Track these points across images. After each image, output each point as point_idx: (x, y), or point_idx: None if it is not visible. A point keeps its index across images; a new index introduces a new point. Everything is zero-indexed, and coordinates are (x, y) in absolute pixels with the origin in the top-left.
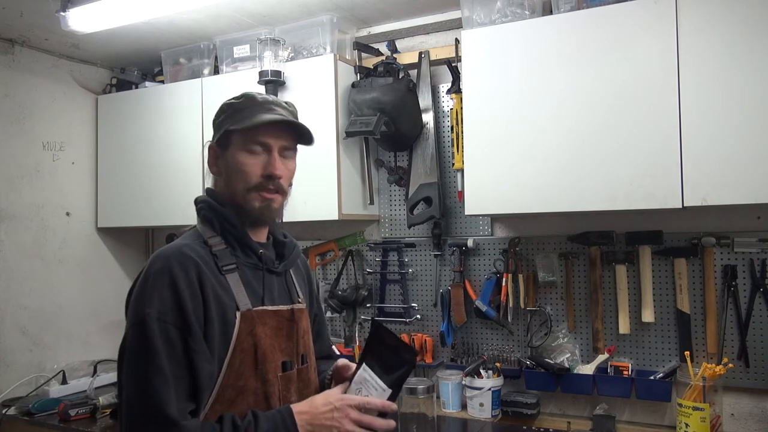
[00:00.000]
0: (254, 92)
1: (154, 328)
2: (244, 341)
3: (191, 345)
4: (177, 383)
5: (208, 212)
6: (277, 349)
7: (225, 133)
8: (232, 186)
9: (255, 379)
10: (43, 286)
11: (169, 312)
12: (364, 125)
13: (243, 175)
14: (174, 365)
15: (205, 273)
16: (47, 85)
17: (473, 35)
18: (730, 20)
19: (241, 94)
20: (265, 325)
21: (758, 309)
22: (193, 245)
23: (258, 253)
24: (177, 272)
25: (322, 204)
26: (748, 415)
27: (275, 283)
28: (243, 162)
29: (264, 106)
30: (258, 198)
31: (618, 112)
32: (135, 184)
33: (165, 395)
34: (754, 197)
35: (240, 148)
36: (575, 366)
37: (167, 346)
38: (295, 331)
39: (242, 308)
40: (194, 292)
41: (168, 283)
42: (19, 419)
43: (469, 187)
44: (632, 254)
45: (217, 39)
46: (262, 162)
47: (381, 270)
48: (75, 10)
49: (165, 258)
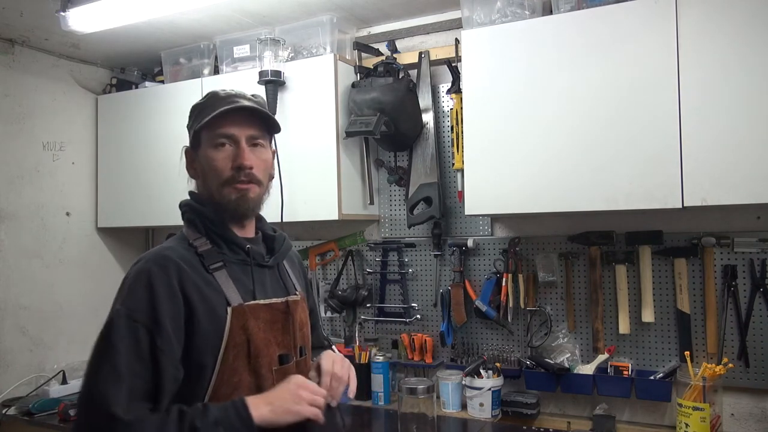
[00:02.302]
0: (219, 89)
1: (121, 325)
2: (236, 336)
3: (159, 345)
4: (134, 382)
5: (191, 214)
6: (272, 343)
7: (194, 134)
8: (208, 184)
9: (249, 374)
10: (43, 286)
11: (141, 311)
12: (364, 125)
13: (214, 171)
14: (134, 363)
15: (187, 274)
16: (47, 85)
17: (473, 35)
18: (730, 20)
19: (208, 93)
20: (257, 319)
21: (758, 309)
22: (176, 248)
23: (245, 248)
24: (155, 273)
25: (322, 204)
26: (748, 415)
27: (267, 277)
28: (212, 158)
29: (226, 100)
30: (233, 191)
31: (618, 112)
32: (135, 184)
33: (113, 393)
34: (754, 197)
35: (208, 145)
36: (575, 366)
37: (130, 344)
38: (291, 323)
39: (233, 303)
40: (173, 294)
41: (144, 283)
42: (19, 419)
43: (469, 187)
44: (632, 254)
45: (217, 39)
46: (230, 155)
47: (381, 270)
48: (75, 10)
49: (145, 260)
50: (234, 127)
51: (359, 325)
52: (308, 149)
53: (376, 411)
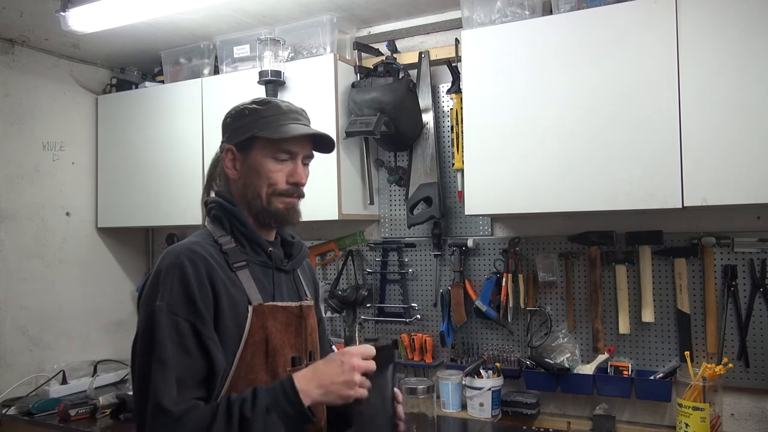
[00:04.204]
0: (276, 99)
1: (163, 320)
2: (256, 334)
3: (205, 334)
4: (182, 374)
5: (218, 211)
6: (286, 345)
7: (249, 138)
8: (254, 188)
9: (265, 372)
10: (43, 286)
11: (180, 305)
12: (364, 125)
13: (269, 180)
14: (180, 356)
15: (214, 269)
16: (47, 85)
17: (473, 35)
18: (730, 20)
19: (264, 100)
20: (275, 320)
21: (758, 309)
22: (203, 243)
23: (267, 250)
24: (187, 267)
25: (322, 204)
26: (748, 415)
27: (284, 281)
28: (270, 168)
29: (290, 116)
30: (282, 202)
31: (618, 112)
32: (135, 184)
33: (161, 386)
34: (754, 197)
35: (267, 154)
36: (575, 366)
37: (175, 337)
38: (304, 327)
39: (254, 302)
40: (203, 287)
41: (178, 278)
42: (19, 419)
43: (469, 187)
44: (632, 254)
45: (217, 39)
46: (287, 169)
47: (381, 270)
48: (75, 10)
49: (175, 254)
50: (297, 146)
51: (359, 325)
52: None
53: None
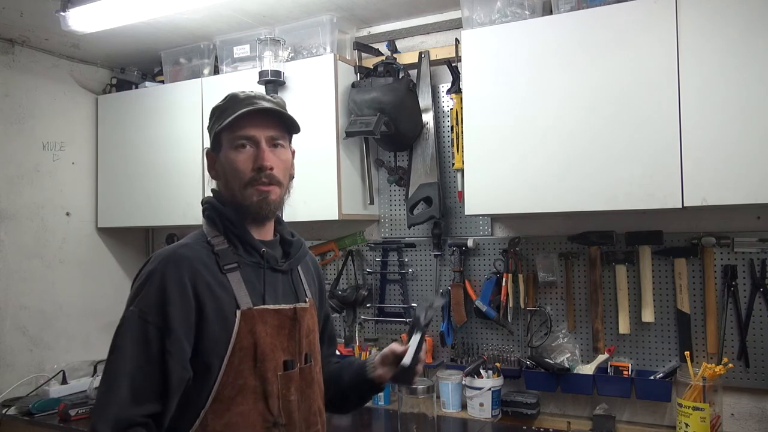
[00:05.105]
0: (238, 91)
1: (131, 328)
2: (244, 339)
3: (167, 347)
4: (142, 382)
5: (211, 212)
6: (278, 348)
7: (215, 136)
8: (230, 186)
9: (254, 377)
10: (43, 286)
11: (152, 311)
12: (364, 125)
13: (235, 172)
14: (143, 364)
15: (199, 273)
16: (47, 85)
17: (473, 35)
18: (730, 20)
19: (227, 95)
20: (266, 323)
21: (758, 309)
22: (193, 245)
23: (260, 251)
24: (168, 272)
25: (322, 204)
26: (748, 415)
27: (280, 282)
28: (233, 159)
29: (245, 102)
30: (255, 192)
31: (618, 112)
32: (135, 184)
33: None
34: (754, 197)
35: (229, 147)
36: (575, 366)
37: (141, 344)
38: (298, 330)
39: (243, 307)
40: (184, 293)
41: (157, 284)
42: (19, 419)
43: (469, 187)
44: (632, 254)
45: (217, 39)
46: (251, 156)
47: (381, 270)
48: (75, 10)
49: (159, 258)
50: (254, 129)
51: (359, 325)
52: (308, 149)
53: (376, 411)
